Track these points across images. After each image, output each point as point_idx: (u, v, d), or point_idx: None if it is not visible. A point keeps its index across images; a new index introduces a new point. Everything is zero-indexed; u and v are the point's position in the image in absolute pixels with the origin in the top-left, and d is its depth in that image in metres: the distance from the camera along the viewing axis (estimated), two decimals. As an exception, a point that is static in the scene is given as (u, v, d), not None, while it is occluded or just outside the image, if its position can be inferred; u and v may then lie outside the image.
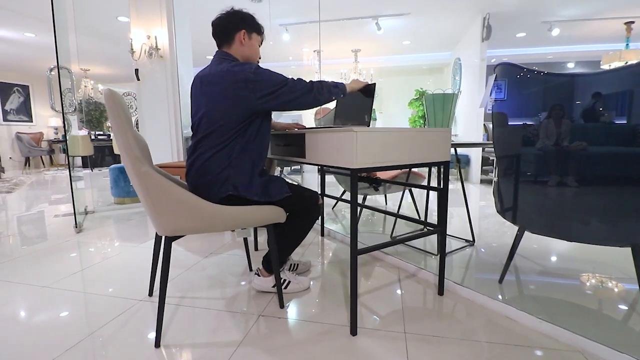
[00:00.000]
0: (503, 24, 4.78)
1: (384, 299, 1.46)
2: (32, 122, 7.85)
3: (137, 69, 3.23)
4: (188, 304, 1.43)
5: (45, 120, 8.14)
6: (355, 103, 1.74)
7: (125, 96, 8.90)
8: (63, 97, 2.68)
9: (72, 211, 2.85)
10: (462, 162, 5.23)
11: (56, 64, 2.55)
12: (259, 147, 1.29)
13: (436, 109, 1.98)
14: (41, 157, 7.97)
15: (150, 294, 1.52)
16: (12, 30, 4.85)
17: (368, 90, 1.52)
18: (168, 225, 1.13)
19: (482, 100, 1.53)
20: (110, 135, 7.97)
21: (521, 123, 1.45)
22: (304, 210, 1.39)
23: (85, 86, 7.35)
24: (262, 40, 1.42)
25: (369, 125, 1.58)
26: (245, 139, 1.24)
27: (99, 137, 8.07)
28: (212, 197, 1.22)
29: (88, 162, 7.62)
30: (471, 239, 2.15)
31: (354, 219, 1.15)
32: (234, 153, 1.23)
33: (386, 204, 3.39)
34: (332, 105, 1.91)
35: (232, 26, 1.29)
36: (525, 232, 1.49)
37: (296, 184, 1.44)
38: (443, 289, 1.48)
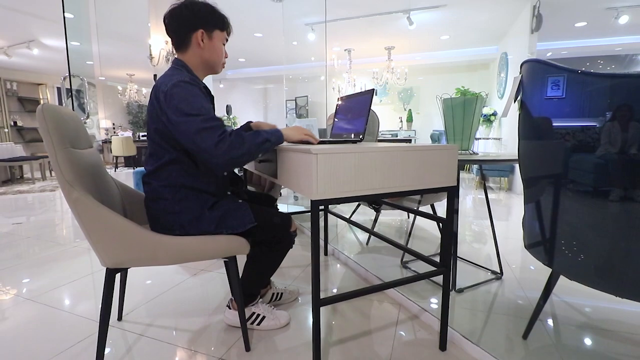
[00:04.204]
0: (558, 12, 4.17)
1: (371, 350, 1.21)
2: (85, 123, 8.51)
3: (156, 75, 3.24)
4: (151, 334, 1.30)
5: (97, 122, 8.77)
6: (352, 110, 1.50)
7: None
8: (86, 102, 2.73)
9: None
10: (506, 171, 4.67)
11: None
12: (205, 187, 1.11)
13: (455, 117, 1.66)
14: (93, 156, 8.62)
15: (119, 318, 1.41)
16: (59, 39, 5.22)
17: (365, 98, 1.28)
18: (107, 258, 0.99)
19: (505, 108, 1.21)
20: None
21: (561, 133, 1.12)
22: (273, 239, 1.19)
23: (130, 90, 7.78)
24: (229, 35, 1.17)
25: (362, 138, 1.34)
26: (185, 172, 1.07)
27: (142, 138, 8.53)
28: (163, 231, 1.06)
29: (132, 162, 8.13)
30: (498, 271, 1.80)
31: (316, 268, 0.93)
32: (175, 186, 1.06)
33: (408, 217, 3.07)
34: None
35: (186, 27, 1.08)
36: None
37: (266, 208, 1.22)
38: (446, 343, 1.20)
